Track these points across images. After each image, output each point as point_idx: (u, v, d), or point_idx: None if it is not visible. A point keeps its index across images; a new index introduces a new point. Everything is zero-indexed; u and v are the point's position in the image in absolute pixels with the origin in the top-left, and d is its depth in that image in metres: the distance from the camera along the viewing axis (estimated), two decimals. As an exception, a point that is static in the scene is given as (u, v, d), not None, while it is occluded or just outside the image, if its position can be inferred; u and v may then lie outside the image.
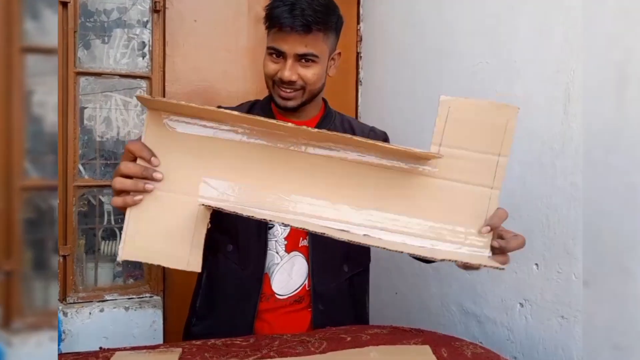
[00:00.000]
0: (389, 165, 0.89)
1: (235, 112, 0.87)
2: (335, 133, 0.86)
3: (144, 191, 0.86)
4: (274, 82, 1.13)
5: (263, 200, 0.88)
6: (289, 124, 0.85)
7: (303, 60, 1.10)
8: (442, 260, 0.83)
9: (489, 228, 0.88)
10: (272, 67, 1.12)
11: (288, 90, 1.12)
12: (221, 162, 0.88)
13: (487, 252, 0.87)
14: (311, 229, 0.85)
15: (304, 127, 0.87)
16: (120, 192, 0.87)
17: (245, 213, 0.85)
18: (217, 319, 1.21)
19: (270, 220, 0.88)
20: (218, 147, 0.88)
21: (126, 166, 0.85)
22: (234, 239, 1.20)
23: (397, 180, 0.89)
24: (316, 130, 0.86)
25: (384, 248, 0.85)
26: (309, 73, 1.12)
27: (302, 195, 0.89)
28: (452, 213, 0.88)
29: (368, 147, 0.87)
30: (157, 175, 0.86)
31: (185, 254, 0.86)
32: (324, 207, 0.89)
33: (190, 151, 0.88)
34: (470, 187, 0.88)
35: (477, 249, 0.87)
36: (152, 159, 0.86)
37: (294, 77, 1.10)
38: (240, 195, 0.88)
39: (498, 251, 0.89)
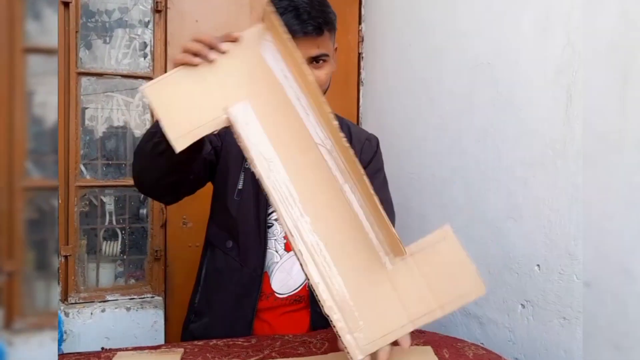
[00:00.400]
0: (366, 232, 0.89)
1: (316, 89, 0.87)
2: (360, 169, 0.85)
3: (206, 57, 0.89)
4: None
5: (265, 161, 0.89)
6: (342, 137, 0.85)
7: (315, 62, 1.10)
8: (331, 325, 0.83)
9: (394, 342, 0.85)
10: None
11: None
12: (268, 105, 0.90)
13: (361, 356, 0.83)
14: (277, 210, 0.86)
15: (348, 146, 0.86)
16: (184, 53, 0.90)
17: (244, 151, 0.87)
18: (216, 316, 1.21)
19: (256, 175, 0.88)
20: (276, 94, 0.90)
21: (201, 34, 0.90)
22: (234, 236, 1.20)
23: (362, 244, 0.88)
24: (355, 160, 0.85)
25: (306, 275, 0.84)
26: (322, 73, 1.12)
27: (293, 187, 0.89)
28: (372, 307, 0.86)
29: (369, 202, 0.87)
30: (223, 46, 0.89)
31: (184, 130, 0.87)
32: (296, 207, 0.88)
33: (257, 76, 0.90)
34: (399, 307, 0.86)
35: (361, 345, 0.84)
36: (234, 34, 0.90)
37: None
38: (254, 138, 0.89)
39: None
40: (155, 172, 1.05)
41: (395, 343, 0.86)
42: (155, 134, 0.98)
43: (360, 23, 2.20)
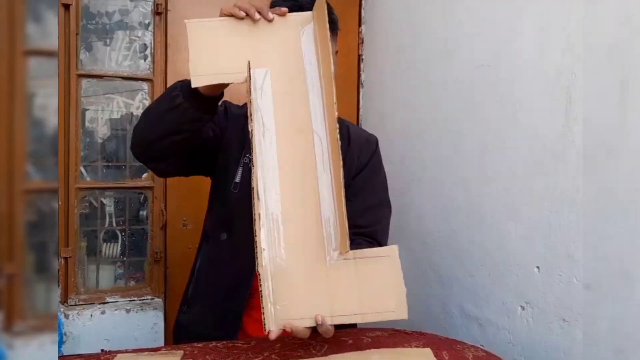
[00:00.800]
0: (323, 223, 0.94)
1: (332, 80, 0.93)
2: (340, 163, 0.89)
3: (252, 16, 0.97)
4: None
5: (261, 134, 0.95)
6: (337, 129, 0.90)
7: None
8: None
9: (318, 319, 0.89)
10: None
11: None
12: (285, 81, 0.97)
13: (274, 327, 0.88)
14: (255, 171, 0.90)
15: (338, 137, 0.90)
16: (234, 7, 0.98)
17: (250, 109, 0.92)
18: (207, 307, 1.21)
19: (250, 132, 0.93)
20: (296, 74, 0.97)
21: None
22: (228, 228, 1.21)
23: (315, 232, 0.93)
24: (339, 154, 0.90)
25: (255, 239, 0.89)
26: None
27: (277, 158, 0.94)
28: (301, 290, 0.90)
29: (337, 195, 0.91)
30: (269, 14, 0.97)
31: (206, 71, 0.95)
32: (272, 177, 0.94)
33: (287, 53, 0.98)
34: (325, 299, 0.90)
35: (277, 318, 0.89)
36: (283, 9, 0.99)
37: None
38: (261, 103, 0.96)
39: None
40: (162, 127, 1.06)
41: (314, 330, 0.90)
42: (175, 88, 1.03)
43: (360, 25, 2.20)
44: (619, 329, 1.05)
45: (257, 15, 0.96)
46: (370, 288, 0.90)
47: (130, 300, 1.96)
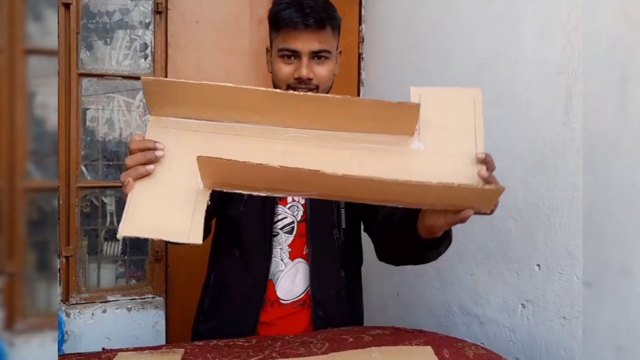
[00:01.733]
0: (377, 144, 0.92)
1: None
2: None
3: (146, 173, 0.86)
4: (289, 85, 1.11)
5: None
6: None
7: (316, 58, 1.11)
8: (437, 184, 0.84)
9: (484, 156, 0.90)
10: (287, 69, 1.11)
11: (304, 90, 1.10)
12: (220, 146, 0.91)
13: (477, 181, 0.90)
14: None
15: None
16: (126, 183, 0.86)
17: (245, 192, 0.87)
18: (223, 321, 1.23)
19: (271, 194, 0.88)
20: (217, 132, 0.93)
21: (130, 158, 0.86)
22: (239, 244, 1.21)
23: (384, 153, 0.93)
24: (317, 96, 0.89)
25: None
26: (324, 70, 1.12)
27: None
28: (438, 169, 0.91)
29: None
30: (158, 152, 0.86)
31: (185, 229, 0.85)
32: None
33: (190, 135, 0.91)
34: (454, 154, 0.91)
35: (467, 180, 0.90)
36: (157, 144, 0.86)
37: (311, 75, 1.10)
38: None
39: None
40: None
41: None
42: None
43: (360, 24, 2.20)
44: (619, 326, 1.05)
45: (150, 167, 0.86)
46: (451, 121, 0.92)
47: (132, 299, 1.96)
